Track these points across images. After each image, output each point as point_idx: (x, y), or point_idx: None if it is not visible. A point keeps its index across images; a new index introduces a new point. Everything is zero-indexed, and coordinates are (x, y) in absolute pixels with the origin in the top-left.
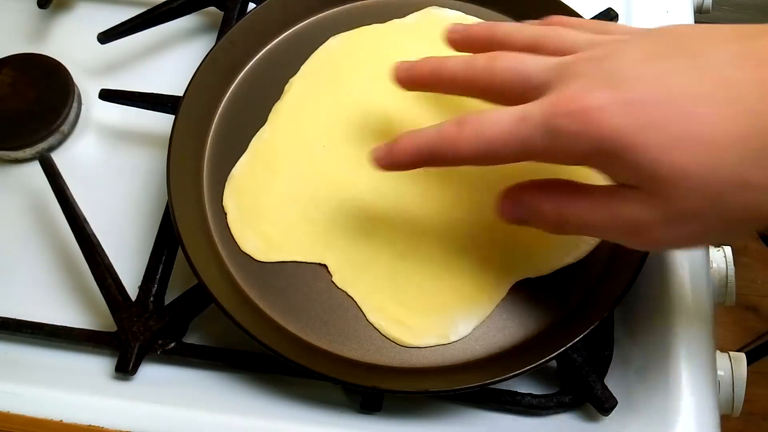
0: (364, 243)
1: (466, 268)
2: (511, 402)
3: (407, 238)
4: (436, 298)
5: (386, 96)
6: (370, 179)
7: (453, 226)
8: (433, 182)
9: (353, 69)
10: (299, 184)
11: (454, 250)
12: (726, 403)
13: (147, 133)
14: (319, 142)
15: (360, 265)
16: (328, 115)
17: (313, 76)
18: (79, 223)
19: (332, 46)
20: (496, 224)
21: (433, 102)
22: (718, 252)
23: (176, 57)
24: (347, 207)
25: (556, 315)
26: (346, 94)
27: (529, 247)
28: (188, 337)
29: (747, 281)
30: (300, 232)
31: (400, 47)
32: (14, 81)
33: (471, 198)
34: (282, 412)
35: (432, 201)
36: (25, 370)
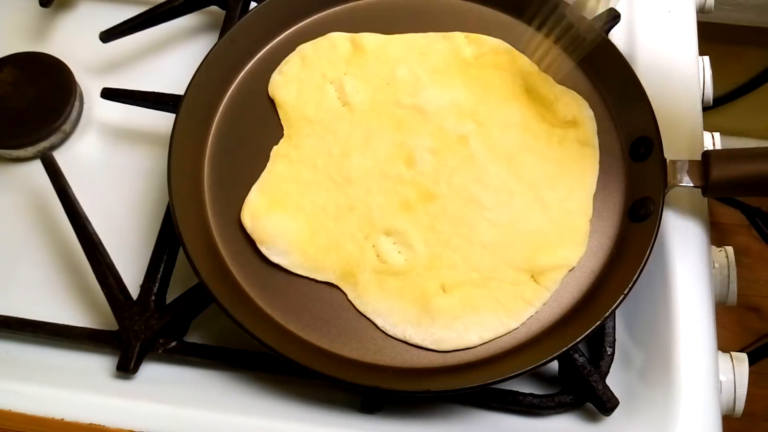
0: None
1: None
2: (513, 402)
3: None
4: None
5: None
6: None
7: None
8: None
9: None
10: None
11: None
12: (727, 404)
13: (148, 132)
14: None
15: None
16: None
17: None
18: (80, 222)
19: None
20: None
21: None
22: (720, 252)
23: (178, 56)
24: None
25: (557, 315)
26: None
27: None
28: (189, 336)
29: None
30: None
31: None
32: (16, 80)
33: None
34: (282, 411)
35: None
36: (27, 368)
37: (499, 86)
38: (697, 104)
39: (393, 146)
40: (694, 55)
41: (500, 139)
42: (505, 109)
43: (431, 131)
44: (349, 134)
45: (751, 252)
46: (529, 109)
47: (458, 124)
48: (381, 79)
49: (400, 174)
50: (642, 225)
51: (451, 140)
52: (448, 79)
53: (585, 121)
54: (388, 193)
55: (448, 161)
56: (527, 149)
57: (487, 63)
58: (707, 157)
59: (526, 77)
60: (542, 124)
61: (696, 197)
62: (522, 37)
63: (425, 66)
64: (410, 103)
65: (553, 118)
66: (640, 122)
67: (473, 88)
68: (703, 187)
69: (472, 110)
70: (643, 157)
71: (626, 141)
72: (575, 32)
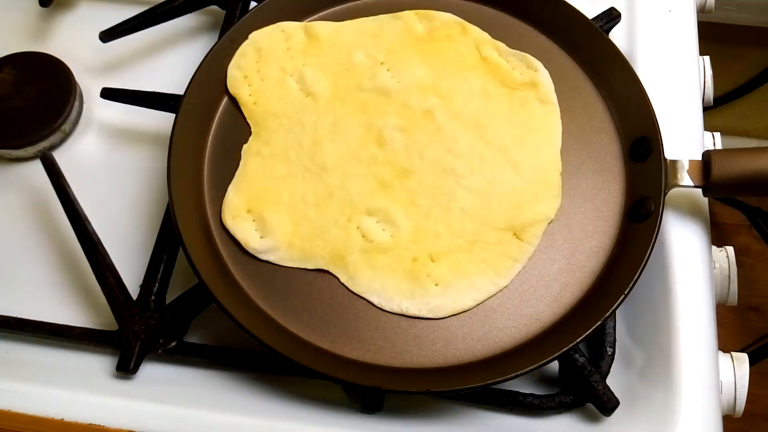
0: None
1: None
2: (513, 402)
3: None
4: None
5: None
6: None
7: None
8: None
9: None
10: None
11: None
12: (728, 404)
13: (148, 132)
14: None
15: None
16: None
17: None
18: (80, 222)
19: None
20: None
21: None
22: (721, 252)
23: (178, 56)
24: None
25: (557, 315)
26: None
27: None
28: (189, 336)
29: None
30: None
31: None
32: (16, 80)
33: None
34: (283, 411)
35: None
36: (27, 368)
37: (455, 58)
38: (697, 104)
39: (361, 129)
40: (695, 55)
41: (464, 108)
42: (464, 80)
43: (396, 110)
44: (317, 123)
45: (751, 252)
46: (487, 76)
47: (422, 100)
48: (340, 66)
49: (373, 155)
50: (642, 225)
51: (417, 116)
52: (404, 57)
53: (542, 81)
54: (364, 175)
55: (418, 136)
56: (491, 115)
57: (440, 37)
58: (708, 156)
59: (480, 46)
60: (502, 89)
61: (696, 197)
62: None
63: (380, 47)
64: (372, 86)
65: (512, 82)
66: (641, 122)
67: (431, 63)
68: (703, 186)
69: (433, 84)
70: (643, 157)
71: (627, 141)
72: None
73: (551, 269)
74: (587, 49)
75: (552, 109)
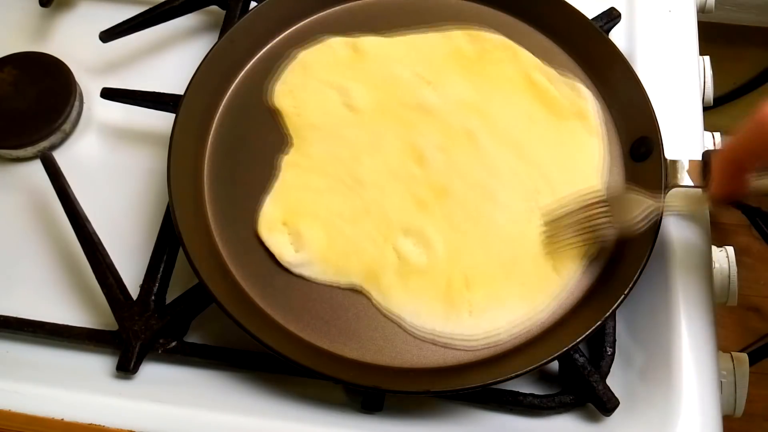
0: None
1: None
2: (513, 402)
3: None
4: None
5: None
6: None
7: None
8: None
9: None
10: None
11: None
12: (728, 404)
13: (148, 132)
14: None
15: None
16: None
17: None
18: (80, 222)
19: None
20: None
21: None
22: (721, 252)
23: (178, 56)
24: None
25: (557, 315)
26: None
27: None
28: (189, 336)
29: (750, 282)
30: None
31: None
32: (16, 80)
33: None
34: (283, 411)
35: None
36: (27, 368)
37: (503, 81)
38: (697, 104)
39: (402, 146)
40: (695, 55)
41: (508, 132)
42: (510, 103)
43: (438, 129)
44: (357, 138)
45: (751, 252)
46: (535, 101)
47: (465, 120)
48: (384, 81)
49: (412, 173)
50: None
51: (459, 136)
52: (451, 76)
53: (590, 112)
54: (402, 193)
55: (458, 157)
56: (536, 140)
57: (489, 59)
58: (708, 156)
59: (530, 71)
60: (548, 116)
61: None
62: (523, 37)
63: (427, 66)
64: (415, 103)
65: (559, 110)
66: (641, 122)
67: (477, 84)
68: (704, 186)
69: (477, 106)
70: (643, 157)
71: (627, 141)
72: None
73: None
74: (587, 49)
75: (597, 142)
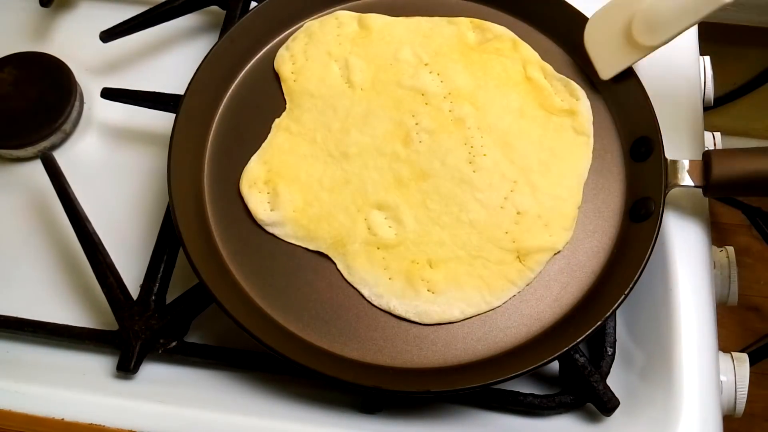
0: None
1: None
2: (513, 402)
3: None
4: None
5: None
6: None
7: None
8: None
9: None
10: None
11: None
12: (728, 404)
13: (149, 132)
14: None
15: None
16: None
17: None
18: (80, 222)
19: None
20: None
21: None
22: (721, 252)
23: (178, 56)
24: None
25: (558, 315)
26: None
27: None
28: (189, 336)
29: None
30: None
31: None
32: (16, 80)
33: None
34: (282, 411)
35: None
36: (27, 368)
37: (500, 72)
38: (697, 104)
39: (391, 125)
40: (695, 55)
41: (496, 123)
42: (503, 95)
43: (429, 112)
44: (349, 111)
45: (751, 252)
46: (528, 95)
47: (456, 107)
48: (384, 60)
49: (396, 152)
50: (643, 225)
51: (448, 121)
52: (449, 62)
53: (581, 111)
54: (383, 170)
55: (444, 142)
56: (522, 134)
57: (489, 49)
58: (708, 156)
59: (527, 65)
60: (539, 111)
61: (697, 197)
62: (523, 37)
63: (428, 48)
64: (411, 84)
65: (551, 106)
66: (641, 122)
67: (474, 72)
68: (704, 186)
69: (471, 94)
70: (643, 157)
71: (627, 141)
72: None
73: (551, 269)
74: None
75: (585, 141)
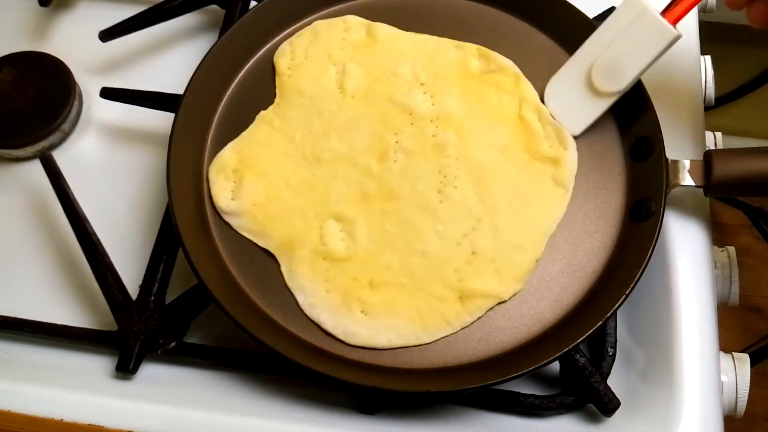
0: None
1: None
2: (514, 403)
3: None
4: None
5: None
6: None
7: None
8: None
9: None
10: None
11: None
12: (729, 404)
13: (148, 132)
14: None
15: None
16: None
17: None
18: (79, 222)
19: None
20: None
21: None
22: (722, 252)
23: (178, 55)
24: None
25: (558, 315)
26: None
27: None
28: (189, 336)
29: (751, 282)
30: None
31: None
32: (15, 79)
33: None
34: (282, 412)
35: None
36: (26, 369)
37: (494, 106)
38: (698, 104)
39: (371, 138)
40: (696, 55)
41: (476, 157)
42: (491, 130)
43: (412, 133)
44: (334, 116)
45: (752, 252)
46: (516, 135)
47: (441, 132)
48: (382, 71)
49: (369, 166)
50: (643, 225)
51: (428, 146)
52: (446, 86)
53: (566, 162)
54: (351, 182)
55: (419, 166)
56: (500, 174)
57: (490, 80)
58: (709, 156)
59: (523, 103)
60: (523, 154)
61: (698, 197)
62: (524, 37)
63: (428, 69)
64: (401, 101)
65: (536, 151)
66: (642, 122)
67: (468, 101)
68: (704, 186)
69: (459, 122)
70: (644, 156)
71: (628, 141)
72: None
73: (552, 269)
74: None
75: (562, 194)
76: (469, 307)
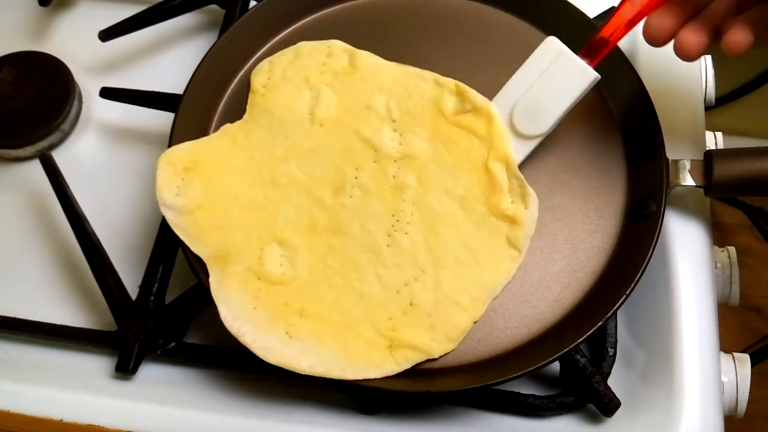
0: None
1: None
2: (514, 403)
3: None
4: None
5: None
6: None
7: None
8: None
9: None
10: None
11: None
12: (729, 405)
13: (148, 132)
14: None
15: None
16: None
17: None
18: (79, 222)
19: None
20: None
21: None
22: (722, 252)
23: (177, 55)
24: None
25: (558, 316)
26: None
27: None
28: (189, 337)
29: (751, 282)
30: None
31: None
32: (15, 79)
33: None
34: (282, 413)
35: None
36: (26, 369)
37: (461, 151)
38: (699, 103)
39: (331, 170)
40: None
41: (433, 204)
42: (453, 177)
43: (373, 171)
44: (299, 142)
45: (753, 252)
46: (478, 186)
47: (402, 174)
48: (356, 103)
49: (323, 198)
50: (644, 225)
51: (386, 187)
52: (416, 126)
53: (524, 223)
54: (302, 210)
55: (373, 205)
56: (453, 225)
57: (462, 122)
58: (709, 156)
59: (492, 152)
60: (481, 207)
61: (698, 197)
62: (524, 37)
63: (402, 105)
64: (368, 136)
65: (495, 206)
66: (642, 121)
67: (435, 144)
68: (705, 186)
69: (422, 166)
70: (645, 157)
71: (628, 141)
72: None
73: (552, 269)
74: None
75: (514, 256)
76: (397, 357)
